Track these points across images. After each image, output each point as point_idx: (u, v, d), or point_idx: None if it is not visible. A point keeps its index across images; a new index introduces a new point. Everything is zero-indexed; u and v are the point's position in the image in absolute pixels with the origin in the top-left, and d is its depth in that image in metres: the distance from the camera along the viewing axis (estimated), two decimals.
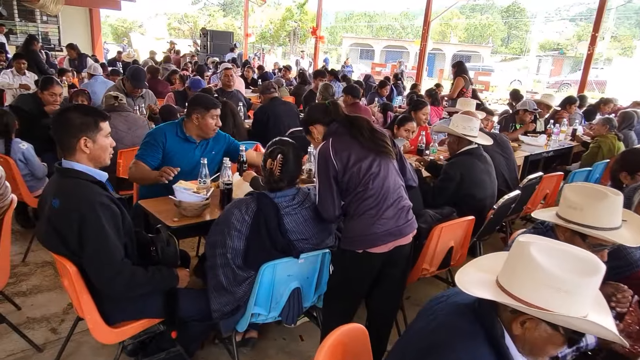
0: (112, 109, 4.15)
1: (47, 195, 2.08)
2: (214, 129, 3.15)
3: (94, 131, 2.05)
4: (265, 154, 2.25)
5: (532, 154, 5.27)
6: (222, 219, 2.22)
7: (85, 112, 2.06)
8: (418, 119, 4.83)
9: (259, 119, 5.09)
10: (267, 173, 2.22)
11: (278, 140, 2.29)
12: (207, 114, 3.08)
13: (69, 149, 2.04)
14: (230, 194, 2.76)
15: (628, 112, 6.00)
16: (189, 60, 13.04)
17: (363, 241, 2.29)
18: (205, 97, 3.17)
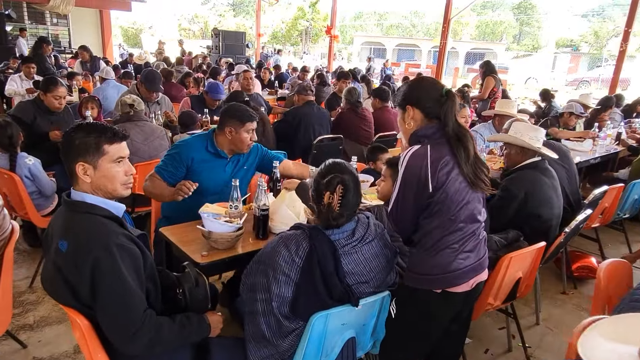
0: (128, 118, 3.78)
1: (52, 234, 1.70)
2: (248, 145, 2.78)
3: (94, 155, 1.66)
4: (320, 183, 1.82)
5: (580, 161, 4.82)
6: (265, 258, 1.81)
7: (88, 131, 1.68)
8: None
9: (289, 122, 4.69)
10: (323, 208, 1.80)
11: (333, 166, 1.86)
12: (242, 128, 2.71)
13: (71, 175, 1.69)
14: (266, 221, 2.37)
15: None
16: (201, 61, 12.65)
17: (443, 279, 1.91)
18: (241, 109, 2.79)
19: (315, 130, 4.74)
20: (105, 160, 1.67)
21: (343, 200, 1.76)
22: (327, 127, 4.89)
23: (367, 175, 3.27)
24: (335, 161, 1.88)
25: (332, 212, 1.76)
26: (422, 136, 1.90)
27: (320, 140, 4.56)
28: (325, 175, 1.81)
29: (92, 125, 1.71)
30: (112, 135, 1.69)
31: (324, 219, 1.79)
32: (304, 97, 4.84)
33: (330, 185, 1.77)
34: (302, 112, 4.71)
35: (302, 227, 1.85)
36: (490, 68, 7.19)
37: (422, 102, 1.91)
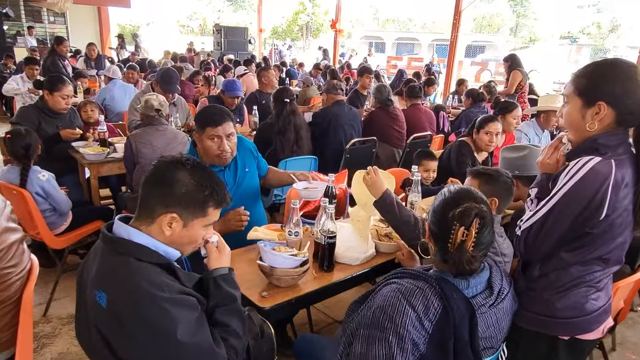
0: (149, 123, 3.36)
1: (87, 279, 1.33)
2: (217, 155, 2.26)
3: (193, 214, 1.34)
4: (447, 216, 1.37)
5: None
6: (382, 320, 1.31)
7: (201, 183, 1.34)
8: (508, 124, 3.99)
9: (318, 124, 4.26)
10: (451, 249, 1.36)
11: (464, 193, 1.42)
12: (202, 134, 2.25)
13: (146, 212, 1.33)
14: (333, 250, 1.96)
15: None
16: (206, 58, 12.19)
17: (575, 324, 1.53)
18: (205, 110, 2.35)
19: (346, 132, 4.33)
20: (199, 223, 1.36)
21: (479, 237, 1.35)
22: (359, 128, 4.48)
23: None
24: (464, 187, 1.46)
25: (465, 254, 1.34)
26: (603, 145, 1.44)
27: (353, 145, 4.15)
28: (457, 205, 1.36)
29: (207, 177, 1.36)
30: (222, 199, 1.39)
31: (454, 264, 1.35)
32: (333, 97, 4.41)
33: (466, 218, 1.33)
34: (332, 113, 4.28)
35: (421, 275, 1.40)
36: (516, 61, 6.78)
37: (623, 102, 1.42)
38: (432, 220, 1.42)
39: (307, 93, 7.47)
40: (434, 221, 1.42)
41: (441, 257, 1.40)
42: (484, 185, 1.96)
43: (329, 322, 3.08)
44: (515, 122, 4.03)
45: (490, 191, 1.97)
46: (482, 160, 3.63)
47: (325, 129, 4.25)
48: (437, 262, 1.43)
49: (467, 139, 3.62)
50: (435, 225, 1.41)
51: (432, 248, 1.44)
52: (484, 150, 3.60)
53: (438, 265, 1.43)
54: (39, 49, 11.78)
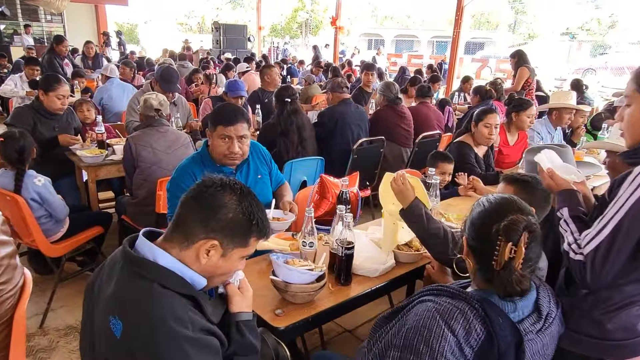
0: (149, 124, 3.20)
1: (99, 299, 1.18)
2: (226, 155, 2.18)
3: (235, 243, 1.20)
4: (491, 229, 1.20)
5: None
6: (415, 342, 1.17)
7: (250, 211, 1.20)
8: (522, 122, 3.84)
9: (324, 124, 4.10)
10: (497, 267, 1.19)
11: (508, 203, 1.25)
12: (214, 132, 2.17)
13: (183, 234, 1.18)
14: (351, 262, 1.81)
15: None
16: (205, 56, 12.00)
17: (626, 347, 1.38)
18: (220, 109, 2.26)
19: (353, 132, 4.17)
20: (238, 254, 1.23)
21: (528, 253, 1.18)
22: (366, 127, 4.32)
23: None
24: (506, 197, 1.29)
25: (512, 272, 1.17)
26: None
27: (360, 145, 3.99)
28: (501, 217, 1.20)
29: (255, 205, 1.23)
30: (265, 231, 1.26)
31: (501, 284, 1.19)
32: (339, 95, 4.25)
33: (513, 232, 1.17)
34: (338, 112, 4.12)
35: (461, 294, 1.23)
36: (523, 58, 6.62)
37: None
38: (472, 235, 1.26)
39: (309, 91, 7.31)
40: (473, 236, 1.26)
41: (483, 275, 1.24)
42: (520, 193, 1.80)
43: (340, 332, 2.93)
44: (530, 120, 3.87)
45: (526, 200, 1.82)
46: (482, 154, 3.49)
47: (331, 129, 4.09)
48: (479, 281, 1.27)
49: (464, 137, 3.48)
50: (476, 241, 1.25)
51: (470, 265, 1.29)
52: (483, 144, 3.47)
53: (479, 284, 1.27)
54: (35, 47, 11.58)
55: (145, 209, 3.09)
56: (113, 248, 3.63)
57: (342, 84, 4.32)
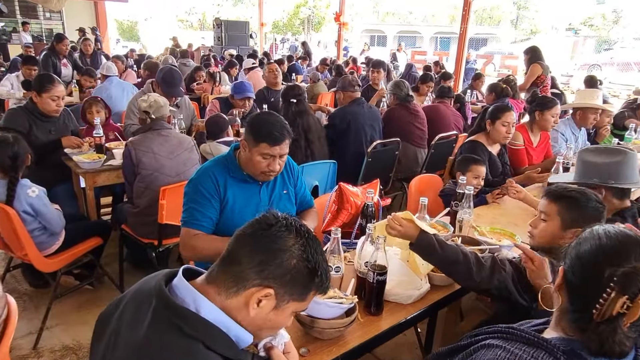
0: (149, 127, 2.97)
1: (118, 340, 0.99)
2: (264, 172, 1.97)
3: (292, 295, 1.00)
4: (598, 272, 0.96)
5: None
6: None
7: (314, 256, 1.00)
8: (546, 121, 3.60)
9: (336, 126, 3.86)
10: (598, 316, 0.95)
11: (632, 243, 0.98)
12: (254, 148, 1.92)
13: (233, 277, 0.98)
14: (383, 289, 1.58)
15: None
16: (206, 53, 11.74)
17: None
18: (264, 121, 1.97)
19: (366, 133, 3.94)
20: (293, 307, 1.02)
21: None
22: (380, 128, 4.08)
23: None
24: (630, 233, 1.01)
25: (617, 332, 0.93)
26: None
27: (374, 148, 3.76)
28: (620, 260, 0.95)
29: (320, 254, 1.02)
30: (326, 286, 1.06)
31: (597, 339, 0.95)
32: (350, 94, 4.01)
33: (633, 285, 0.92)
34: (350, 113, 3.89)
35: (540, 342, 1.01)
36: (537, 54, 6.34)
37: None
38: (574, 270, 1.02)
39: (315, 89, 7.09)
40: (577, 272, 1.01)
41: (575, 321, 1.00)
42: (566, 211, 1.58)
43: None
44: (554, 120, 3.64)
45: (575, 219, 1.59)
46: (497, 153, 3.27)
47: (344, 130, 3.86)
48: (566, 325, 1.03)
49: (477, 136, 3.25)
50: (578, 279, 1.01)
51: (560, 302, 1.05)
52: (500, 142, 3.25)
53: (566, 330, 1.03)
54: (34, 45, 11.33)
55: (146, 219, 2.86)
56: (112, 257, 3.36)
57: (353, 82, 4.08)
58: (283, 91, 3.57)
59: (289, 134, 1.97)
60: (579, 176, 2.04)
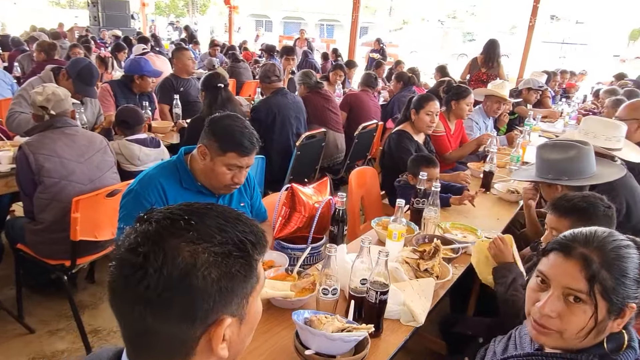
0: (49, 125, 2.41)
1: None
2: (227, 185, 1.71)
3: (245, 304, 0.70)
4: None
5: None
6: None
7: (251, 248, 0.69)
8: (461, 110, 3.70)
9: (261, 120, 3.55)
10: None
11: None
12: (219, 157, 1.64)
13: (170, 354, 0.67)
14: (384, 309, 1.40)
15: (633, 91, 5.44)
16: (84, 34, 10.35)
17: None
18: (233, 126, 1.67)
19: (292, 125, 3.70)
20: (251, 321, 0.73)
21: None
22: (304, 119, 3.86)
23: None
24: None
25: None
26: None
27: (307, 139, 3.54)
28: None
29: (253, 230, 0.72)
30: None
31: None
32: (270, 85, 3.72)
33: None
34: (276, 105, 3.59)
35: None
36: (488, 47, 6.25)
37: None
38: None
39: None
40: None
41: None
42: (579, 223, 1.53)
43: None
44: (469, 108, 3.75)
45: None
46: (422, 142, 3.29)
47: (269, 124, 3.57)
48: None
49: (403, 126, 3.23)
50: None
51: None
52: (425, 131, 3.27)
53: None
54: None
55: (54, 237, 2.33)
56: (6, 280, 2.71)
57: (272, 71, 3.78)
58: (206, 79, 3.18)
59: (257, 142, 1.70)
60: (538, 171, 2.06)
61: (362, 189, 3.01)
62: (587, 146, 1.94)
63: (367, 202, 3.06)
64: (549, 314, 0.97)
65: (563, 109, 5.75)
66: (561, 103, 6.25)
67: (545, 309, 0.97)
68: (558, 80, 7.53)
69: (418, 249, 1.73)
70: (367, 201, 3.06)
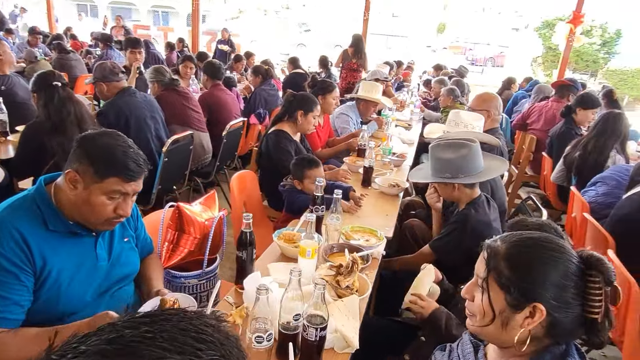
0: None
1: None
2: (108, 219, 1.33)
3: None
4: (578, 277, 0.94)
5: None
6: None
7: None
8: (328, 105, 3.69)
9: (112, 125, 2.99)
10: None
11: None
12: (96, 185, 1.28)
13: None
14: (323, 346, 1.24)
15: (459, 80, 6.12)
16: None
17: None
18: (113, 147, 1.32)
19: (150, 126, 3.23)
20: None
21: None
22: (162, 119, 3.40)
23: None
24: (530, 235, 1.03)
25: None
26: None
27: (173, 144, 3.13)
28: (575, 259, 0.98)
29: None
30: None
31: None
32: (114, 85, 3.13)
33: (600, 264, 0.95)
34: (126, 107, 3.07)
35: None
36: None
37: None
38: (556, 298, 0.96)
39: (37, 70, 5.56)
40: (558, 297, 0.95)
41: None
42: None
43: None
44: (335, 102, 3.77)
45: None
46: (299, 140, 3.23)
47: (122, 129, 2.94)
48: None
49: (280, 125, 3.09)
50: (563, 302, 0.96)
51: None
52: (307, 132, 3.22)
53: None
54: None
55: None
56: None
57: (114, 69, 3.22)
58: (38, 78, 2.57)
59: (145, 163, 1.35)
60: (434, 171, 2.09)
61: (244, 194, 2.80)
62: (475, 143, 2.03)
63: (249, 207, 2.86)
64: (463, 295, 1.09)
65: (405, 98, 6.20)
66: (402, 92, 6.75)
67: (462, 291, 1.10)
68: (394, 71, 8.14)
69: (335, 265, 1.61)
70: (249, 205, 2.86)
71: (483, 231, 1.98)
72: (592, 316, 0.93)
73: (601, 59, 16.86)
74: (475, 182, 2.03)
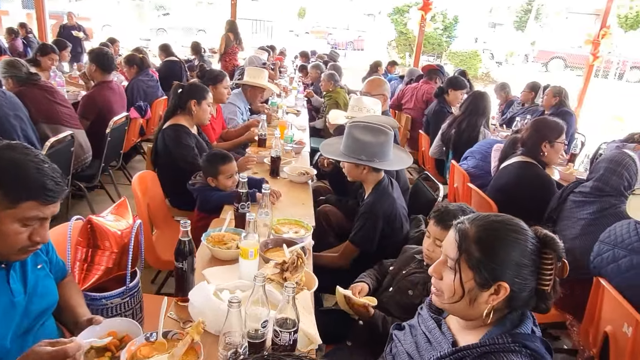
0: None
1: None
2: (23, 247, 1.11)
3: None
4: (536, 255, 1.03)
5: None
6: None
7: None
8: (221, 94, 3.52)
9: None
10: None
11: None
12: (9, 212, 1.06)
13: None
14: (295, 347, 1.19)
15: (335, 65, 6.30)
16: None
17: None
18: (26, 167, 1.08)
19: (15, 126, 2.72)
20: None
21: None
22: (27, 117, 2.89)
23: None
24: (491, 217, 1.11)
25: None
26: None
27: (52, 149, 2.69)
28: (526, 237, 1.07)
29: None
30: None
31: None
32: None
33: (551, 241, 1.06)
34: None
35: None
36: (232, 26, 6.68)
37: None
38: (518, 275, 1.04)
39: None
40: (519, 274, 1.04)
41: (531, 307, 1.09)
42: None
43: None
44: (227, 91, 3.61)
45: None
46: (196, 133, 3.08)
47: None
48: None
49: (175, 119, 2.89)
50: (522, 278, 1.05)
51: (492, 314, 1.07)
52: (204, 123, 3.07)
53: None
54: None
55: None
56: None
57: None
58: None
59: (64, 180, 1.14)
60: (349, 150, 2.10)
61: (147, 196, 2.56)
62: (391, 132, 2.11)
63: (153, 208, 2.62)
64: (431, 273, 1.14)
65: (286, 84, 6.21)
66: (282, 78, 6.75)
67: (430, 269, 1.14)
68: (272, 56, 8.08)
69: (279, 262, 1.56)
70: (152, 207, 2.62)
71: (392, 211, 2.16)
72: (543, 288, 1.04)
73: (444, 42, 18.83)
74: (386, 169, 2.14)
